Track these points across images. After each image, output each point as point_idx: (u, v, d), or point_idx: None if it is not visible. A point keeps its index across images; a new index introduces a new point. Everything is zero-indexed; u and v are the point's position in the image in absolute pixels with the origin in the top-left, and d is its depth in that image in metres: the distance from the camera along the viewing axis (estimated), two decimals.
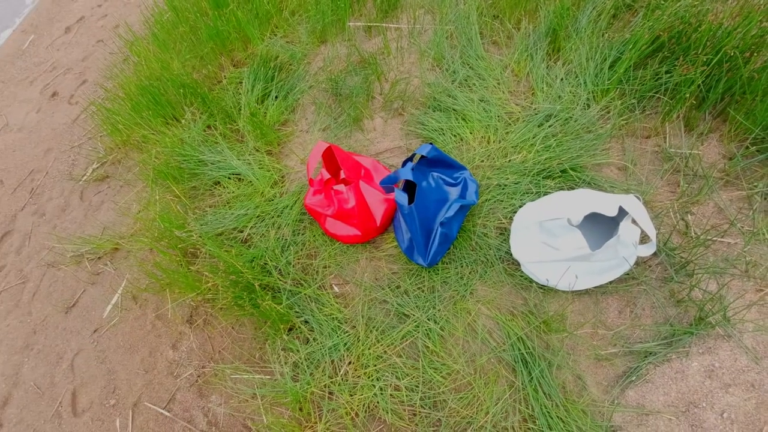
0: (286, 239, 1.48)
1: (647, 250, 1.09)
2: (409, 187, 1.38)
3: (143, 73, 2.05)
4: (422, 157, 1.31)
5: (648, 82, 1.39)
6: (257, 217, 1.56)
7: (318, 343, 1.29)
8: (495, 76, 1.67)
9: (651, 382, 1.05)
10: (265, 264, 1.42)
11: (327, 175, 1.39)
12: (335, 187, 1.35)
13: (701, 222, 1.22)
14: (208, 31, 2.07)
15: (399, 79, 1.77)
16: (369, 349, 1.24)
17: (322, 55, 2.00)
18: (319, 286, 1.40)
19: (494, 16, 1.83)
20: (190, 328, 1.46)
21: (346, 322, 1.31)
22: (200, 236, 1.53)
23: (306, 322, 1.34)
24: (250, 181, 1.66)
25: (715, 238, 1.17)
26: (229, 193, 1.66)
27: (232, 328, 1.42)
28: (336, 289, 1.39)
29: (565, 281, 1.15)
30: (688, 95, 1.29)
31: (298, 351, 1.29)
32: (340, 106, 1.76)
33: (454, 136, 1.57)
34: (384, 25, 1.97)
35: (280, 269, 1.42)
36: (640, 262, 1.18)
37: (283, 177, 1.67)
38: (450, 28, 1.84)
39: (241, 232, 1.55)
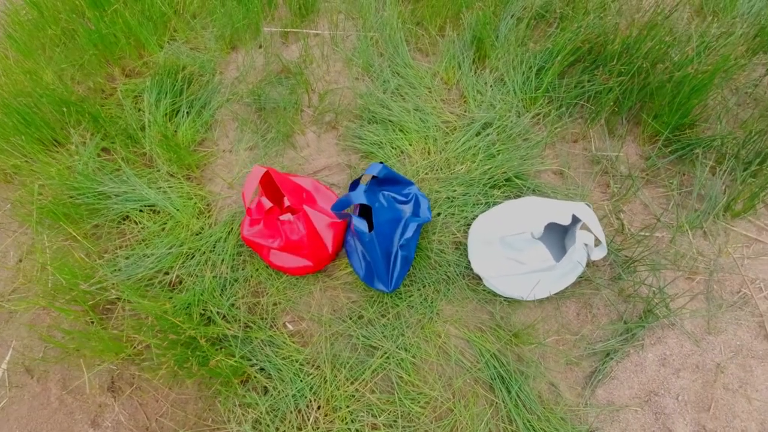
0: (224, 278, 1.31)
1: (600, 253, 1.15)
2: (363, 210, 1.30)
3: (5, 87, 1.66)
4: (373, 177, 1.24)
5: (572, 90, 1.48)
6: (185, 255, 1.35)
7: (279, 392, 1.15)
8: (425, 84, 1.65)
9: (616, 379, 1.12)
10: (204, 310, 1.24)
11: (268, 204, 1.24)
12: (282, 218, 1.22)
13: (632, 219, 1.32)
14: (88, 34, 1.75)
15: (328, 90, 1.66)
16: (338, 389, 1.15)
17: (235, 63, 1.81)
18: (271, 326, 1.26)
19: (417, 23, 1.81)
20: (113, 397, 1.22)
21: (308, 363, 1.19)
22: (114, 285, 1.28)
23: (262, 369, 1.19)
24: (170, 213, 1.43)
25: (646, 234, 1.28)
26: (142, 229, 1.42)
27: (170, 389, 1.21)
28: (290, 327, 1.26)
29: (538, 291, 1.17)
30: (610, 103, 1.39)
31: (257, 405, 1.14)
32: (265, 122, 1.61)
33: (394, 148, 1.52)
34: (304, 30, 1.84)
35: (224, 314, 1.24)
36: (590, 265, 1.24)
37: (209, 205, 1.47)
38: (374, 35, 1.78)
39: (167, 274, 1.34)
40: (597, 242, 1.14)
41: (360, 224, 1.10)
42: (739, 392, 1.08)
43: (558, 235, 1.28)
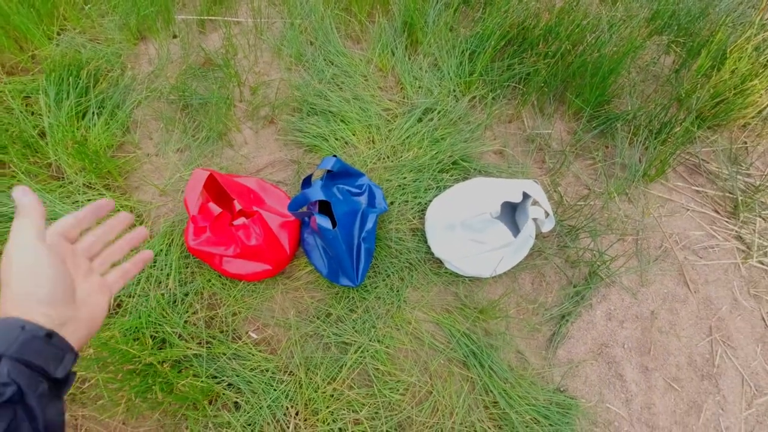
0: (173, 294, 1.19)
1: (549, 225, 1.24)
2: (320, 207, 1.26)
3: None
4: (327, 171, 1.20)
5: (505, 73, 1.55)
6: None
7: (252, 405, 1.09)
8: (361, 72, 1.63)
9: (572, 338, 1.22)
10: (156, 332, 1.12)
11: (217, 210, 1.15)
12: (235, 223, 1.13)
13: (567, 191, 1.44)
14: None
15: (261, 82, 1.56)
16: (316, 391, 1.11)
17: (146, 56, 1.63)
18: (234, 338, 1.18)
19: (344, 8, 1.76)
20: None
21: (279, 371, 1.14)
22: None
23: (230, 385, 1.12)
24: None
25: (582, 203, 1.40)
26: None
27: (124, 424, 1.09)
28: (254, 336, 1.19)
29: (489, 268, 1.22)
30: (540, 84, 1.48)
31: (230, 423, 1.07)
32: (194, 120, 1.47)
33: (338, 140, 1.48)
34: (224, 18, 1.70)
35: (179, 333, 1.14)
36: (540, 237, 1.33)
37: (140, 216, 1.32)
38: (301, 23, 1.70)
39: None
40: (546, 215, 1.22)
41: (323, 222, 1.06)
42: (670, 333, 1.24)
43: (509, 212, 1.35)
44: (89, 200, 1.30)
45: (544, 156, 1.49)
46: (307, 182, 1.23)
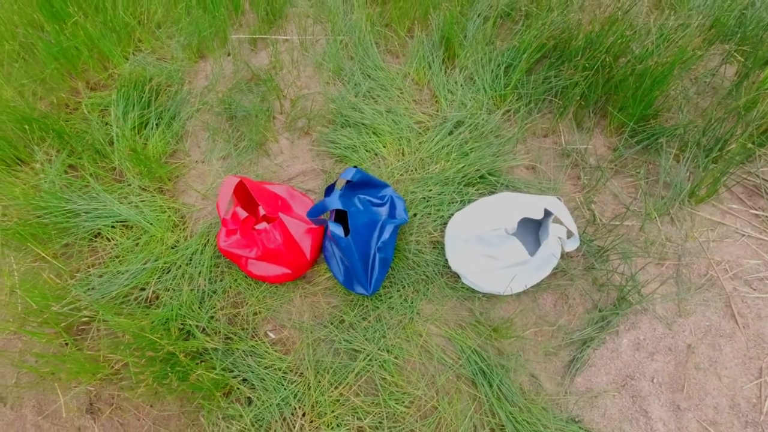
0: (202, 290, 1.29)
1: (573, 245, 1.18)
2: (339, 215, 1.30)
3: None
4: (348, 181, 1.24)
5: (540, 86, 1.51)
6: (161, 269, 1.33)
7: (263, 401, 1.15)
8: (397, 85, 1.66)
9: (593, 366, 1.15)
10: (183, 324, 1.22)
11: (243, 214, 1.23)
12: (257, 227, 1.21)
13: (603, 210, 1.36)
14: (47, 48, 1.70)
15: (300, 95, 1.66)
16: (323, 395, 1.15)
17: (203, 72, 1.79)
18: (252, 336, 1.25)
19: (385, 24, 1.82)
20: (92, 419, 1.20)
21: (291, 371, 1.19)
22: (89, 305, 1.25)
23: (245, 380, 1.19)
24: (143, 228, 1.41)
25: (617, 223, 1.32)
26: (115, 245, 1.39)
27: (151, 406, 1.19)
28: (272, 335, 1.26)
29: (514, 286, 1.18)
30: (577, 97, 1.42)
31: (241, 416, 1.14)
32: (237, 130, 1.59)
33: (368, 151, 1.52)
34: (272, 36, 1.83)
35: (203, 327, 1.23)
36: (563, 256, 1.27)
37: (183, 218, 1.45)
38: (343, 39, 1.78)
39: (143, 290, 1.31)
40: (570, 234, 1.17)
41: (336, 229, 1.10)
42: (709, 371, 1.12)
43: (532, 229, 1.31)
44: (143, 201, 1.46)
45: (579, 172, 1.42)
46: (330, 190, 1.28)
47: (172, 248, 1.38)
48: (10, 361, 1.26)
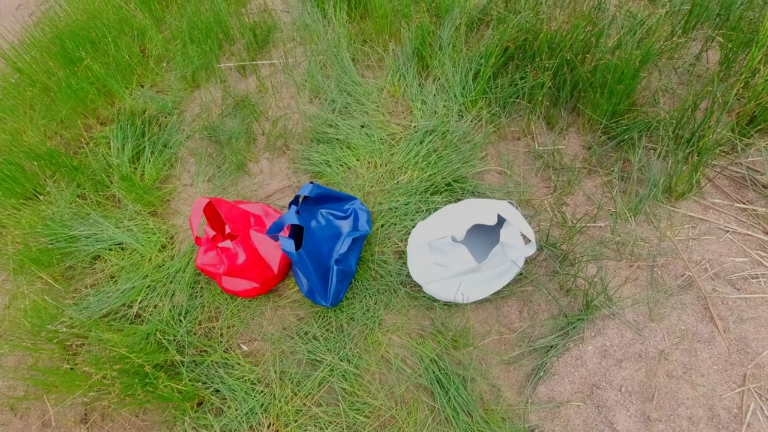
0: (182, 306, 1.37)
1: (529, 250, 1.15)
2: (300, 230, 1.34)
3: None
4: (306, 197, 1.28)
5: (507, 89, 1.49)
6: (147, 287, 1.43)
7: (232, 411, 1.19)
8: (373, 99, 1.69)
9: (557, 374, 1.10)
10: (161, 339, 1.30)
11: (211, 233, 1.31)
12: (221, 245, 1.27)
13: (575, 211, 1.31)
14: (62, 91, 1.89)
15: (279, 116, 1.73)
16: (287, 404, 1.18)
17: (198, 101, 1.91)
18: (226, 348, 1.31)
19: (363, 41, 1.86)
20: (86, 428, 1.29)
21: (259, 382, 1.23)
22: (81, 323, 1.36)
23: (217, 391, 1.24)
24: (135, 249, 1.52)
25: (588, 225, 1.26)
26: (112, 266, 1.51)
27: (136, 416, 1.27)
28: (244, 348, 1.31)
29: (459, 294, 1.17)
30: (541, 98, 1.39)
31: (211, 426, 1.19)
32: (222, 153, 1.69)
33: (341, 165, 1.56)
34: (256, 63, 1.93)
35: (179, 341, 1.30)
36: (528, 261, 1.24)
37: (171, 238, 1.55)
38: (322, 58, 1.84)
39: (131, 307, 1.41)
40: (527, 239, 1.14)
41: (286, 245, 1.14)
42: (683, 379, 1.04)
43: (493, 236, 1.29)
44: (136, 225, 1.57)
45: (551, 174, 1.38)
46: (293, 205, 1.33)
47: (159, 267, 1.48)
48: (20, 375, 1.39)
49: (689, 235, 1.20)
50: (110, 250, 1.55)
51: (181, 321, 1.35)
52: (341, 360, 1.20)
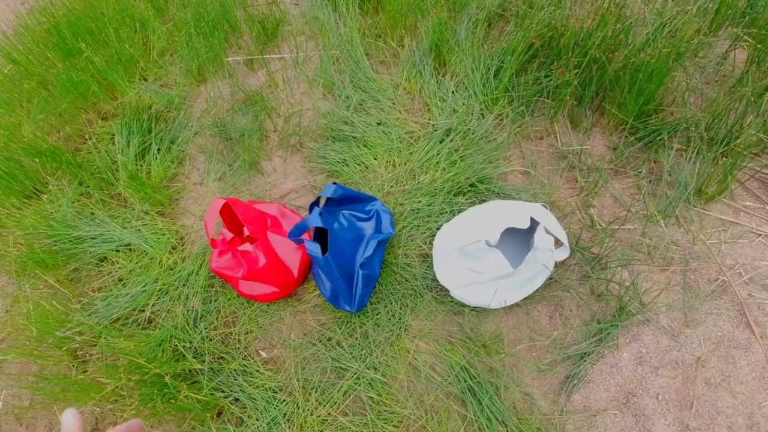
0: (196, 311, 1.32)
1: (563, 254, 1.12)
2: (321, 232, 1.30)
3: None
4: (328, 198, 1.23)
5: (531, 88, 1.45)
6: (159, 291, 1.37)
7: (254, 421, 1.15)
8: (388, 96, 1.65)
9: (591, 382, 1.08)
10: (176, 346, 1.25)
11: (229, 235, 1.25)
12: (240, 248, 1.22)
13: (602, 213, 1.28)
14: (61, 84, 1.81)
15: (292, 112, 1.67)
16: (311, 414, 1.14)
17: (204, 96, 1.84)
18: (244, 356, 1.26)
19: (377, 35, 1.81)
20: None
21: (281, 390, 1.19)
22: (91, 329, 1.30)
23: (236, 400, 1.19)
24: (144, 251, 1.46)
25: (617, 227, 1.24)
26: (120, 268, 1.45)
27: (152, 426, 1.22)
28: (263, 354, 1.26)
29: (496, 299, 1.14)
30: (567, 97, 1.35)
31: None
32: (232, 151, 1.63)
33: (358, 165, 1.51)
34: (266, 56, 1.86)
35: (195, 348, 1.25)
36: (558, 265, 1.21)
37: (182, 239, 1.49)
38: (335, 53, 1.79)
39: (143, 311, 1.36)
40: (559, 243, 1.11)
41: (313, 248, 1.10)
42: (722, 386, 1.03)
43: (523, 239, 1.25)
44: (144, 225, 1.51)
45: (576, 174, 1.35)
46: (313, 207, 1.28)
47: (170, 270, 1.42)
48: (26, 384, 1.33)
49: (721, 239, 1.18)
50: (117, 251, 1.48)
51: (196, 326, 1.29)
52: (368, 368, 1.16)
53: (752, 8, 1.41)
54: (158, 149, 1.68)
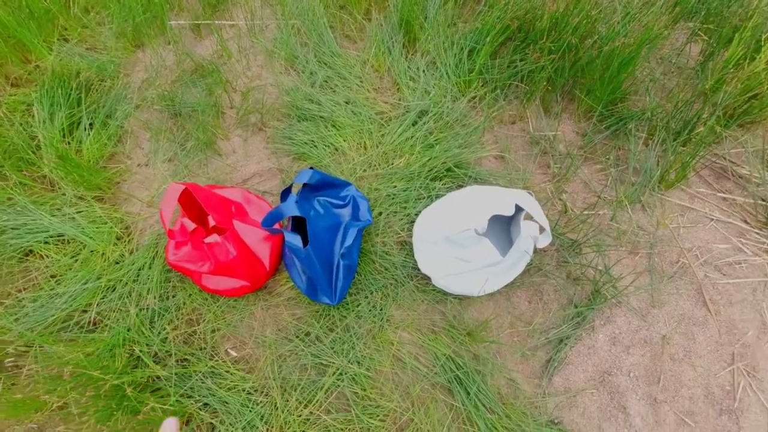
0: (152, 309, 1.18)
1: (545, 240, 1.13)
2: (297, 221, 1.21)
3: None
4: (304, 184, 1.14)
5: (506, 71, 1.43)
6: (105, 288, 1.21)
7: (227, 426, 1.06)
8: (356, 73, 1.55)
9: (571, 364, 1.12)
10: (132, 350, 1.11)
11: (191, 226, 1.12)
12: (207, 240, 1.10)
13: (574, 199, 1.32)
14: None
15: (251, 87, 1.52)
16: (291, 415, 1.07)
17: (142, 63, 1.62)
18: (211, 356, 1.15)
19: (340, 6, 1.69)
20: None
21: (256, 391, 1.11)
22: (20, 336, 1.12)
23: (206, 405, 1.09)
24: (81, 242, 1.27)
25: (589, 213, 1.28)
26: (52, 263, 1.25)
27: None
28: (233, 353, 1.16)
29: (478, 286, 1.13)
30: (544, 82, 1.35)
31: None
32: (183, 129, 1.45)
33: (327, 146, 1.42)
34: (216, 22, 1.67)
35: (155, 351, 1.12)
36: (537, 251, 1.23)
37: (127, 228, 1.32)
38: (295, 23, 1.64)
39: (86, 312, 1.19)
40: (542, 230, 1.11)
41: (293, 240, 1.01)
42: (684, 361, 1.11)
43: (503, 225, 1.25)
44: (79, 212, 1.31)
45: (549, 160, 1.37)
46: (286, 194, 1.18)
47: (116, 264, 1.25)
48: None
49: (680, 223, 1.27)
50: (47, 243, 1.28)
51: (153, 327, 1.16)
52: (351, 363, 1.11)
53: (704, 4, 1.50)
54: (90, 124, 1.46)
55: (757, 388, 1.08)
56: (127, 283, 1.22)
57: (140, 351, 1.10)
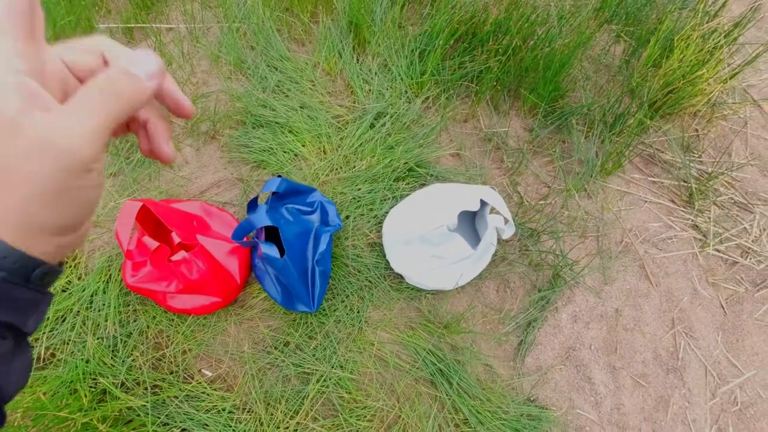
0: (113, 336, 1.10)
1: (509, 231, 1.20)
2: (268, 231, 1.18)
3: None
4: (273, 193, 1.12)
5: (456, 72, 1.49)
6: (53, 319, 1.10)
7: None
8: (307, 77, 1.54)
9: (540, 344, 1.20)
10: (96, 383, 1.03)
11: (153, 244, 1.05)
12: (173, 258, 1.04)
13: (527, 190, 1.41)
14: None
15: (198, 94, 1.45)
16: (278, 428, 1.05)
17: None
18: (185, 378, 1.09)
19: (285, 9, 1.66)
20: None
21: (238, 409, 1.07)
22: None
23: (184, 431, 1.04)
24: None
25: (544, 203, 1.37)
26: None
27: None
28: (208, 373, 1.12)
29: (451, 281, 1.18)
30: (493, 82, 1.43)
31: None
32: (127, 141, 1.35)
33: (286, 152, 1.40)
34: (154, 25, 1.57)
35: (122, 381, 1.04)
36: (501, 242, 1.30)
37: (73, 252, 1.20)
38: (240, 26, 1.59)
39: (32, 347, 1.07)
40: (506, 221, 1.18)
41: (270, 251, 0.99)
42: (635, 330, 1.24)
43: (468, 220, 1.31)
44: None
45: (502, 155, 1.45)
46: (253, 205, 1.15)
47: (64, 291, 1.15)
48: None
49: (620, 207, 1.40)
50: None
51: (116, 356, 1.08)
52: (334, 368, 1.11)
53: (623, 8, 1.66)
54: None
55: (694, 346, 1.23)
56: (79, 312, 1.12)
57: (106, 383, 1.02)
